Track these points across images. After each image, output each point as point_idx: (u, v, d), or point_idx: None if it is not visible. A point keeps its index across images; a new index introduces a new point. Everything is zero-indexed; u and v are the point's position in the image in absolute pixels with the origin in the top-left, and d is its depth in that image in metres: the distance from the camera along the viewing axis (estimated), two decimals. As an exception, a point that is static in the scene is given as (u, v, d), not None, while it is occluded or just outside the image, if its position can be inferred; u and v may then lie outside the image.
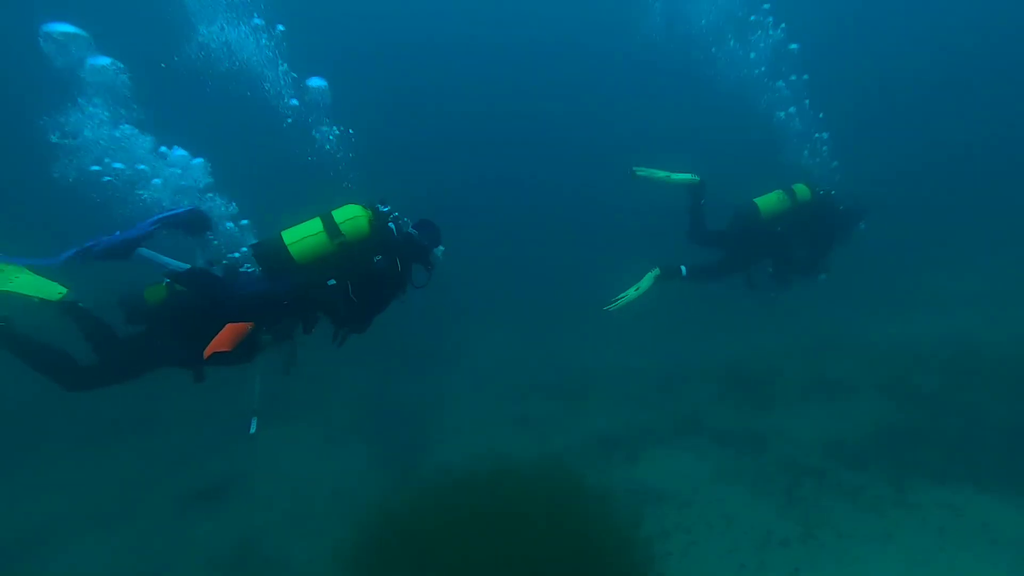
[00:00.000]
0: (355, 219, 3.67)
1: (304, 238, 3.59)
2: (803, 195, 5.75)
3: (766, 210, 5.66)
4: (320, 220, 3.65)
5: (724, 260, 5.94)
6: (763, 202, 5.68)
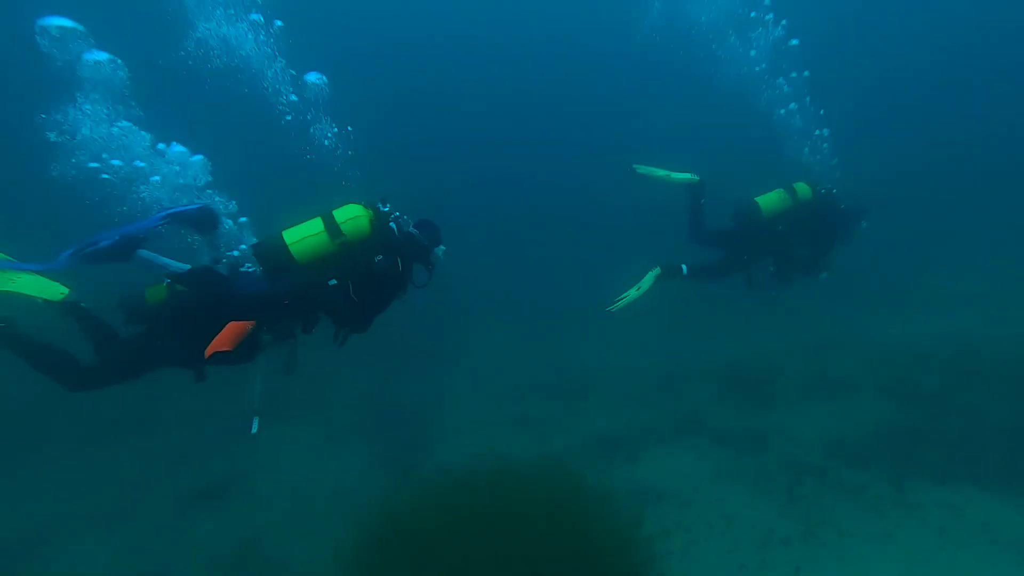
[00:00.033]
0: (356, 219, 3.67)
1: (305, 238, 3.59)
2: (804, 194, 5.74)
3: (767, 209, 5.66)
4: (321, 220, 3.65)
5: (725, 259, 5.93)
6: (764, 201, 5.68)
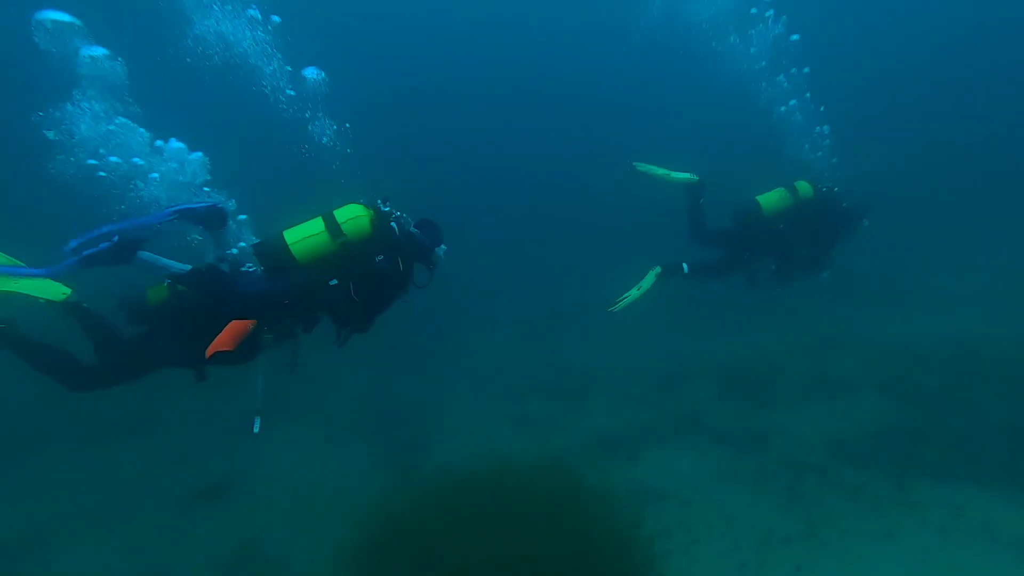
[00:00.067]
0: (357, 219, 3.66)
1: (306, 238, 3.59)
2: (805, 192, 5.73)
3: (768, 207, 5.65)
4: (322, 220, 3.64)
5: (726, 257, 5.93)
6: (765, 199, 5.67)
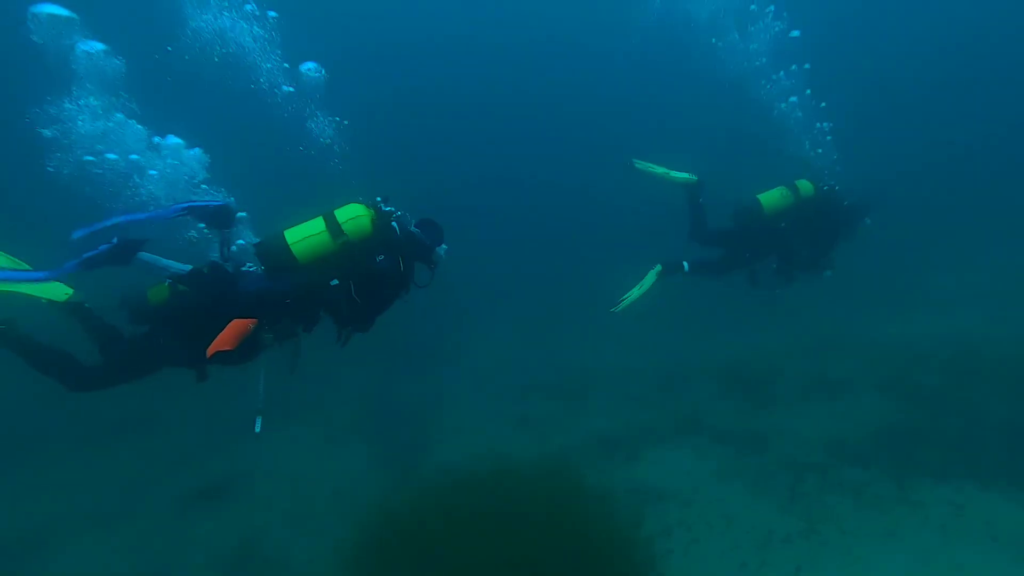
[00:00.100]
0: (358, 218, 3.66)
1: (307, 237, 3.58)
2: (806, 191, 5.71)
3: (769, 206, 5.64)
4: (323, 219, 3.63)
5: (727, 256, 5.91)
6: (766, 198, 5.65)
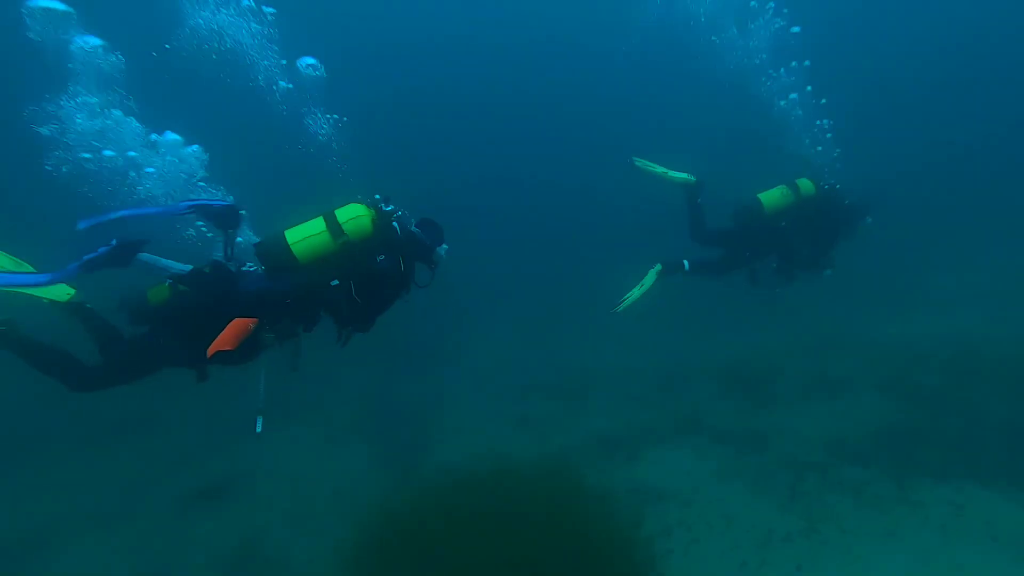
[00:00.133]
0: (358, 218, 3.65)
1: (307, 237, 3.57)
2: (807, 190, 5.70)
3: (769, 205, 5.63)
4: (323, 219, 3.63)
5: (727, 256, 5.91)
6: (766, 197, 5.65)
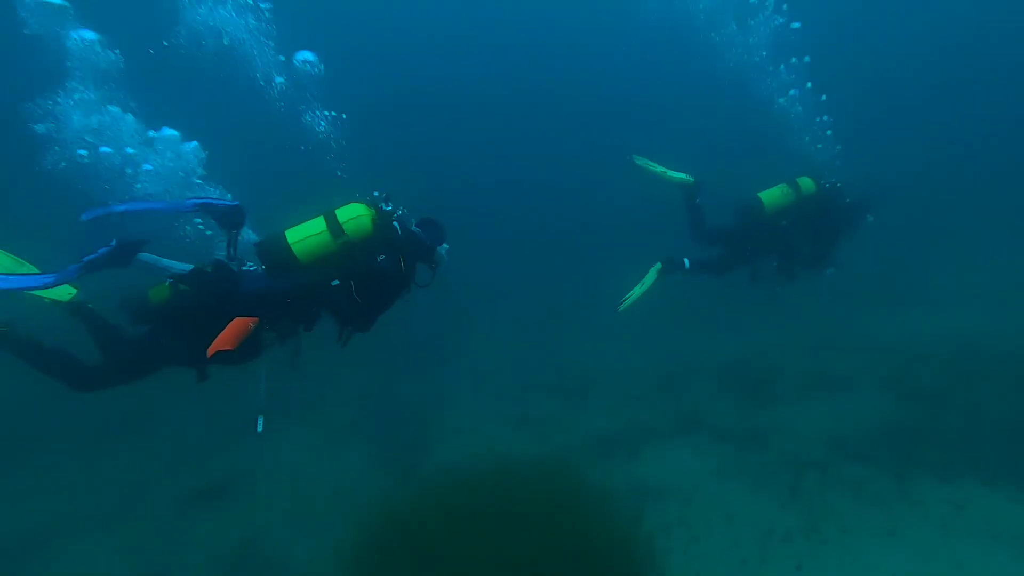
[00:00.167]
0: (358, 218, 3.65)
1: (307, 237, 3.57)
2: (808, 188, 5.69)
3: (770, 204, 5.62)
4: (323, 219, 3.63)
5: (728, 254, 5.91)
6: (767, 196, 5.64)
